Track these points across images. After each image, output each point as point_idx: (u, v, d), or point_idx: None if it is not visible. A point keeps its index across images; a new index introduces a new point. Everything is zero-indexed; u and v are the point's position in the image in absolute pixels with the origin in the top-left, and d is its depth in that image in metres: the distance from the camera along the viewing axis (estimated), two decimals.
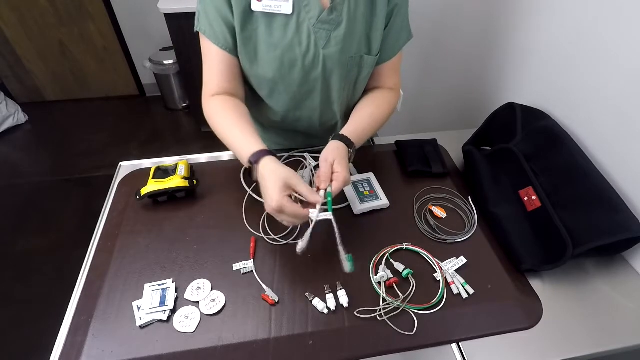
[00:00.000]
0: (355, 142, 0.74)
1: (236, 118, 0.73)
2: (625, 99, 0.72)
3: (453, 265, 0.69)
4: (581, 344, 0.61)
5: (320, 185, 0.65)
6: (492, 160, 0.85)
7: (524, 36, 0.99)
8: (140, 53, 2.74)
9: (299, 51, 0.72)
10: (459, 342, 0.61)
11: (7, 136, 2.56)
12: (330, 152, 0.68)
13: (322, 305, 0.63)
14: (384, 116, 0.82)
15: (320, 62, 0.73)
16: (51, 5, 2.46)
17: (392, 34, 0.77)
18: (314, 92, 0.79)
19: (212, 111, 0.75)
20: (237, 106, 0.75)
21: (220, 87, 0.76)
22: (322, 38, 0.71)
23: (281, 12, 0.68)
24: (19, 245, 1.87)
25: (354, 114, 0.81)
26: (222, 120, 0.73)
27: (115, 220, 0.78)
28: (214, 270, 0.69)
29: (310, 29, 0.70)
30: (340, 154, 0.68)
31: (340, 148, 0.70)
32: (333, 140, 0.72)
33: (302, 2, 0.68)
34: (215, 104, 0.75)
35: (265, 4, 0.67)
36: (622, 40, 0.71)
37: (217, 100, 0.75)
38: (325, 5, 0.69)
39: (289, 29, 0.70)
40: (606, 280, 0.70)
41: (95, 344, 0.59)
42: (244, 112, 0.76)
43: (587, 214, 0.68)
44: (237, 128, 0.71)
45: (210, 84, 0.76)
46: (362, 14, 0.72)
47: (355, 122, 0.78)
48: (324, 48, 0.72)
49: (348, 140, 0.72)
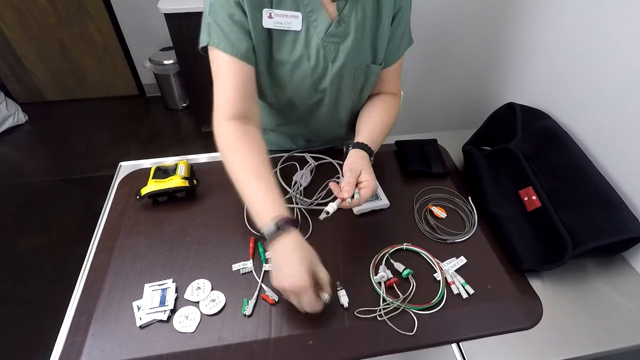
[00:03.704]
0: (373, 149, 0.73)
1: (258, 165, 0.65)
2: (625, 99, 0.72)
3: (453, 265, 0.69)
4: (581, 344, 0.61)
5: (343, 195, 0.62)
6: (492, 160, 0.85)
7: (524, 36, 0.99)
8: (140, 53, 2.74)
9: (308, 66, 0.71)
10: (459, 342, 0.61)
11: (7, 136, 2.56)
12: (355, 161, 0.67)
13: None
14: (392, 122, 0.82)
15: (329, 74, 0.73)
16: (51, 5, 2.45)
17: (394, 40, 0.76)
18: (323, 102, 0.79)
19: (228, 145, 0.67)
20: (258, 146, 0.68)
21: (235, 108, 0.68)
22: (330, 51, 0.70)
23: (291, 29, 0.67)
24: (19, 245, 1.87)
25: (365, 121, 0.79)
26: (240, 162, 0.65)
27: (115, 220, 0.78)
28: (214, 270, 0.69)
29: (319, 44, 0.69)
30: (366, 163, 0.68)
31: (365, 158, 0.69)
32: (354, 149, 0.71)
33: (311, 18, 0.67)
34: (231, 134, 0.67)
35: (277, 20, 0.66)
36: (622, 40, 0.71)
37: (234, 131, 0.67)
38: (333, 18, 0.68)
39: (298, 44, 0.69)
40: (606, 280, 0.70)
41: (95, 344, 0.59)
42: (264, 156, 0.67)
43: (587, 214, 0.68)
44: (260, 180, 0.63)
45: (225, 105, 0.68)
46: (369, 23, 0.71)
47: (369, 129, 0.77)
48: (332, 61, 0.71)
49: (369, 149, 0.72)
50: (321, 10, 0.67)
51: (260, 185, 0.63)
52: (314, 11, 0.67)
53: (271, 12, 0.65)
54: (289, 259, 0.57)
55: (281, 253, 0.59)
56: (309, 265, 0.57)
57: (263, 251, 0.71)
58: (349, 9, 0.68)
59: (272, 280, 0.59)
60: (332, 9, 0.68)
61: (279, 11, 0.66)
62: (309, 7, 0.67)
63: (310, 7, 0.67)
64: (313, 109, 0.81)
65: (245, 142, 0.66)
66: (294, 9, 0.66)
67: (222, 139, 0.67)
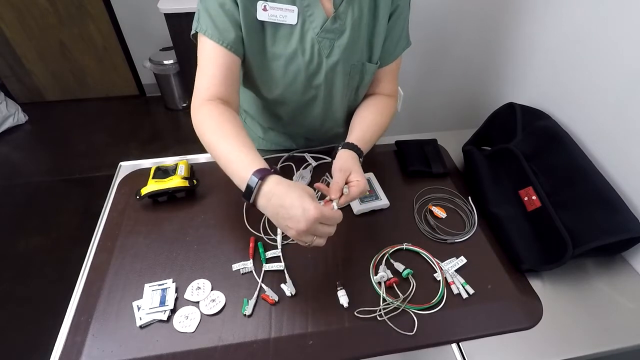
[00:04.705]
0: (363, 150, 0.73)
1: (232, 130, 0.63)
2: (625, 99, 0.72)
3: (453, 265, 0.69)
4: (581, 344, 0.61)
5: (332, 195, 0.62)
6: (492, 160, 0.85)
7: (524, 36, 0.99)
8: (140, 53, 2.74)
9: (302, 60, 0.71)
10: (459, 342, 0.61)
11: (7, 136, 2.56)
12: (345, 162, 0.67)
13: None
14: (387, 124, 0.82)
15: (323, 70, 0.73)
16: (51, 5, 2.46)
17: (390, 39, 0.76)
18: (317, 99, 0.79)
19: (203, 117, 0.65)
20: (233, 118, 0.66)
21: (215, 91, 0.67)
22: (325, 47, 0.70)
23: (286, 22, 0.67)
24: (19, 245, 1.87)
25: (359, 121, 0.79)
26: (214, 128, 0.64)
27: (115, 220, 0.78)
28: (214, 270, 0.69)
29: (314, 39, 0.69)
30: (355, 163, 0.67)
31: (354, 158, 0.69)
32: (343, 149, 0.71)
33: (307, 12, 0.67)
34: (207, 109, 0.66)
35: (271, 13, 0.66)
36: (622, 40, 0.71)
37: (210, 106, 0.66)
38: (329, 14, 0.68)
39: (293, 38, 0.69)
40: (606, 280, 0.70)
41: (95, 344, 0.59)
42: (240, 125, 0.66)
43: (587, 214, 0.68)
44: (235, 141, 0.62)
45: (203, 89, 0.67)
46: (365, 21, 0.71)
47: (361, 130, 0.76)
48: (327, 57, 0.71)
49: (358, 149, 0.71)
50: (317, 5, 0.67)
51: (235, 143, 0.61)
52: (311, 5, 0.67)
53: (266, 5, 0.65)
54: (286, 199, 0.54)
55: (275, 200, 0.55)
56: (310, 195, 0.55)
57: (263, 251, 0.71)
58: (346, 6, 0.68)
59: (285, 232, 0.55)
60: (329, 5, 0.68)
61: (274, 4, 0.66)
62: (305, 2, 0.67)
63: (307, 1, 0.67)
64: (307, 106, 0.81)
65: (222, 117, 0.65)
66: (290, 2, 0.66)
67: (199, 117, 0.66)
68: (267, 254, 0.71)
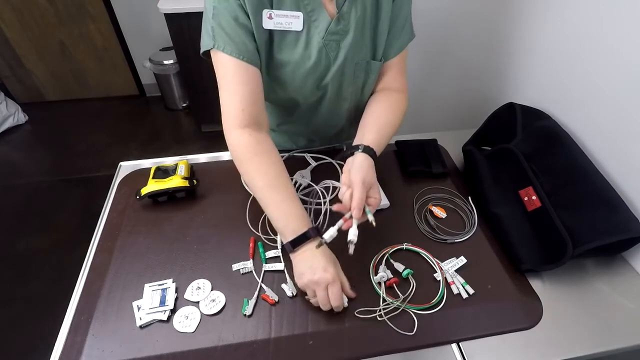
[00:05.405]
0: (378, 153, 0.70)
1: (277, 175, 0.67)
2: (625, 98, 0.72)
3: (453, 265, 0.69)
4: (581, 344, 0.61)
5: (354, 213, 0.59)
6: (492, 160, 0.85)
7: (524, 36, 0.99)
8: (140, 53, 2.74)
9: (309, 65, 0.71)
10: (459, 342, 0.61)
11: (7, 136, 2.56)
12: (367, 174, 0.63)
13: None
14: (399, 122, 0.79)
15: (330, 72, 0.73)
16: (51, 5, 2.46)
17: (393, 30, 0.75)
18: (323, 99, 0.79)
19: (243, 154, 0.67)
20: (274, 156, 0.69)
21: (245, 114, 0.66)
22: (331, 49, 0.70)
23: (292, 29, 0.67)
24: (19, 245, 1.87)
25: (373, 122, 0.75)
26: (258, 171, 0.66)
27: (115, 220, 0.78)
28: (214, 270, 0.69)
29: (320, 43, 0.69)
30: (374, 176, 0.65)
31: (373, 167, 0.66)
32: (363, 153, 0.67)
33: (311, 17, 0.67)
34: (245, 143, 0.66)
35: (277, 21, 0.66)
36: (622, 40, 0.71)
37: (249, 140, 0.66)
38: (332, 15, 0.68)
39: (299, 45, 0.69)
40: (606, 280, 0.70)
41: (95, 344, 0.59)
42: (281, 164, 0.69)
43: (587, 214, 0.68)
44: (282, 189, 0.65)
45: (234, 112, 0.66)
46: (369, 20, 0.71)
47: (376, 131, 0.73)
48: (334, 58, 0.71)
49: (375, 155, 0.68)
50: (321, 9, 0.67)
51: (282, 195, 0.65)
52: (315, 10, 0.67)
53: (271, 13, 0.65)
54: (315, 257, 0.61)
55: (308, 254, 0.62)
56: (334, 263, 0.62)
57: (263, 251, 0.71)
58: (349, 5, 0.68)
59: (296, 279, 0.63)
60: (332, 7, 0.68)
61: (279, 12, 0.65)
62: (309, 7, 0.66)
63: (310, 6, 0.66)
64: (314, 106, 0.81)
65: (260, 152, 0.67)
66: (294, 9, 0.66)
67: (237, 148, 0.67)
68: (267, 254, 0.71)
